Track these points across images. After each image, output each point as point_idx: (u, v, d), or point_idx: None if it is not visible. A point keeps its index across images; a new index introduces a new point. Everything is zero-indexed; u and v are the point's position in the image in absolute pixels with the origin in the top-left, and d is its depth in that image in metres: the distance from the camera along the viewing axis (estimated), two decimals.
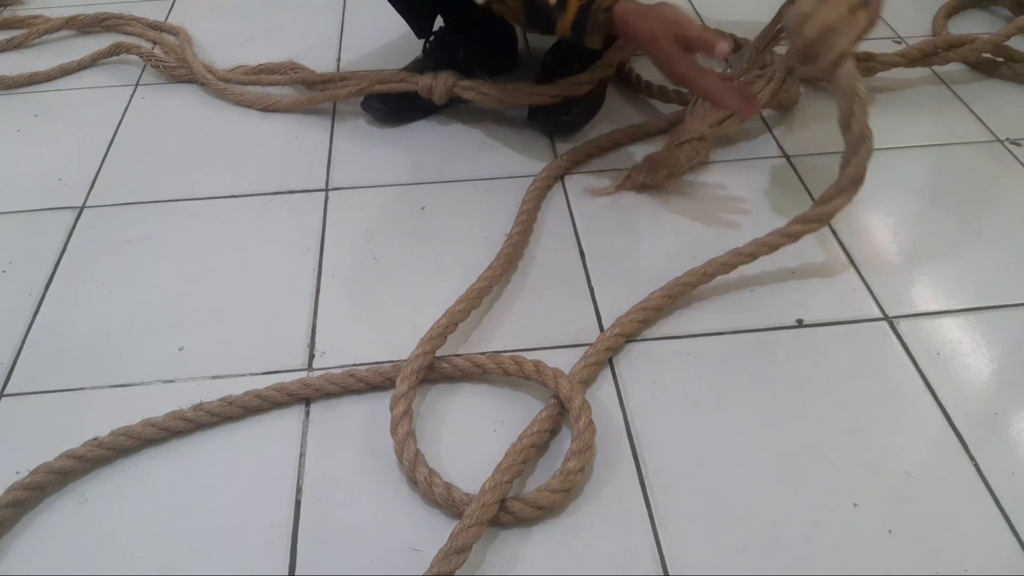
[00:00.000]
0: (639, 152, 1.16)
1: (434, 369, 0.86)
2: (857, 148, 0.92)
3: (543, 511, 0.74)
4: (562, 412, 0.81)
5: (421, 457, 0.76)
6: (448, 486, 0.74)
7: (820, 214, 0.95)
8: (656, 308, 0.92)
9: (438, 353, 0.86)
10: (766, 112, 1.23)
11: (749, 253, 0.94)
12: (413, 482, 0.76)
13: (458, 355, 0.87)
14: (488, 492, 0.72)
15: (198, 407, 0.82)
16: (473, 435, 0.82)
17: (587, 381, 0.85)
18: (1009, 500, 0.75)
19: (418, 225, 1.05)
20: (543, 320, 0.93)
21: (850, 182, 0.93)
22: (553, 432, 0.81)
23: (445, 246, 1.02)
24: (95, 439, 0.79)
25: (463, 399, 0.85)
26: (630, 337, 0.90)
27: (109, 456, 0.79)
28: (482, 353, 0.87)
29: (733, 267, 0.95)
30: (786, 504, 0.76)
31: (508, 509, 0.73)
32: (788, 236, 0.95)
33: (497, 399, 0.85)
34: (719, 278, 0.95)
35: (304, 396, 0.84)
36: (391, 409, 0.80)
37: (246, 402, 0.82)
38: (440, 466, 0.77)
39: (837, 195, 0.94)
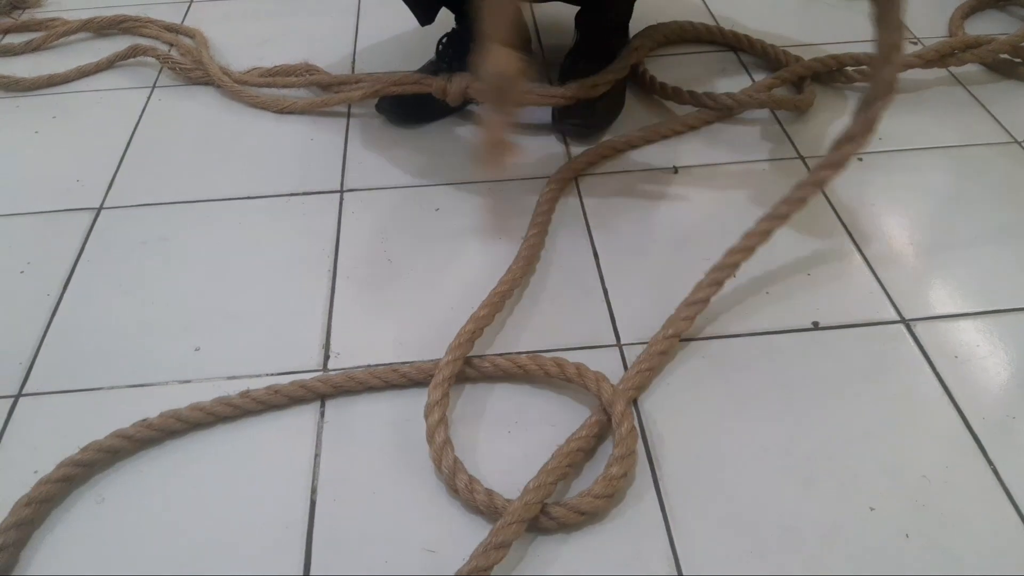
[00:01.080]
0: (652, 153, 1.16)
1: (468, 368, 0.86)
2: (888, 55, 0.89)
3: (586, 516, 0.73)
4: (605, 422, 0.81)
5: (460, 464, 0.76)
6: (489, 492, 0.74)
7: (864, 123, 0.92)
8: (704, 300, 0.91)
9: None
10: (782, 114, 1.23)
11: (798, 199, 0.91)
12: (453, 490, 0.75)
13: (499, 354, 0.87)
14: (532, 492, 0.72)
15: (244, 393, 0.84)
16: (498, 437, 0.82)
17: (640, 387, 0.85)
18: None
19: (432, 226, 1.06)
20: (558, 321, 0.93)
21: (885, 87, 0.91)
22: (599, 438, 0.81)
23: (459, 247, 1.03)
24: (145, 420, 0.81)
25: (493, 400, 0.85)
26: (682, 335, 0.89)
27: (158, 437, 0.81)
28: (519, 353, 0.88)
29: (777, 224, 0.93)
30: (802, 507, 0.75)
31: (551, 515, 0.73)
32: (835, 164, 0.92)
33: (522, 400, 0.85)
34: (737, 278, 0.94)
35: (322, 393, 0.84)
36: (426, 418, 0.79)
37: (267, 398, 0.83)
38: (472, 470, 0.77)
39: (875, 100, 0.92)
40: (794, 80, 1.27)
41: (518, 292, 0.96)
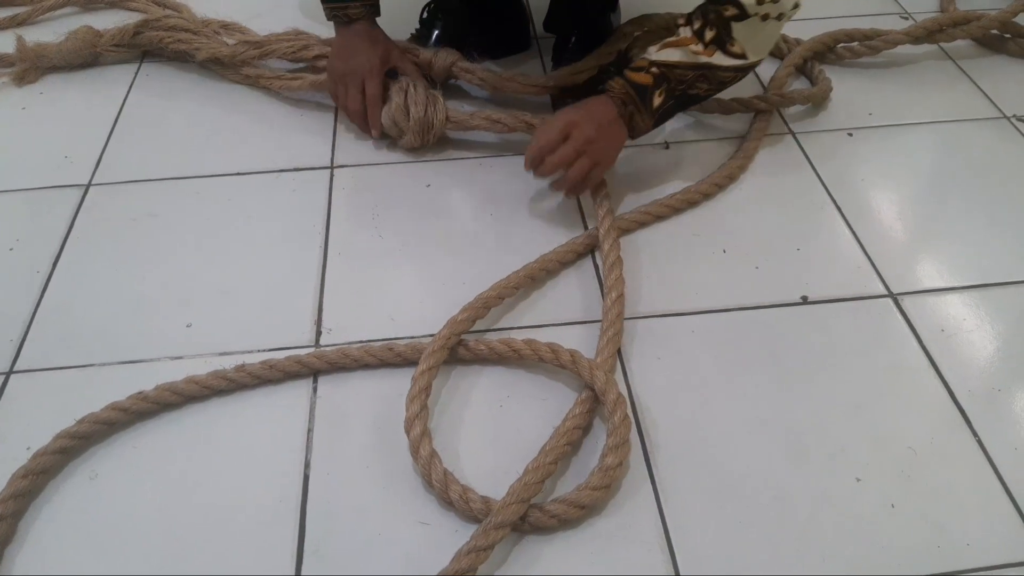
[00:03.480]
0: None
1: (460, 349, 0.86)
2: None
3: (585, 510, 0.73)
4: (595, 405, 0.81)
5: (451, 476, 0.74)
6: (486, 500, 0.72)
7: None
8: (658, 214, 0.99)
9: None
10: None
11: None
12: (429, 483, 0.75)
13: (496, 329, 0.88)
14: (515, 492, 0.71)
15: (240, 367, 0.84)
16: (487, 419, 0.82)
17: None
18: (1012, 476, 0.76)
19: (423, 202, 1.06)
20: (550, 297, 0.93)
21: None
22: (585, 429, 0.81)
23: (450, 223, 1.03)
24: (141, 392, 0.81)
25: (484, 381, 0.85)
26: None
27: (154, 409, 0.82)
28: (512, 328, 0.88)
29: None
30: (789, 479, 0.76)
31: (550, 512, 0.72)
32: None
33: (512, 381, 0.85)
34: (727, 253, 0.95)
35: (317, 369, 0.85)
36: (407, 408, 0.79)
37: (262, 372, 0.84)
38: (456, 454, 0.78)
39: None
40: (799, 64, 1.26)
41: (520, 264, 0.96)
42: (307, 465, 0.78)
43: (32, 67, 1.27)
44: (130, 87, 1.26)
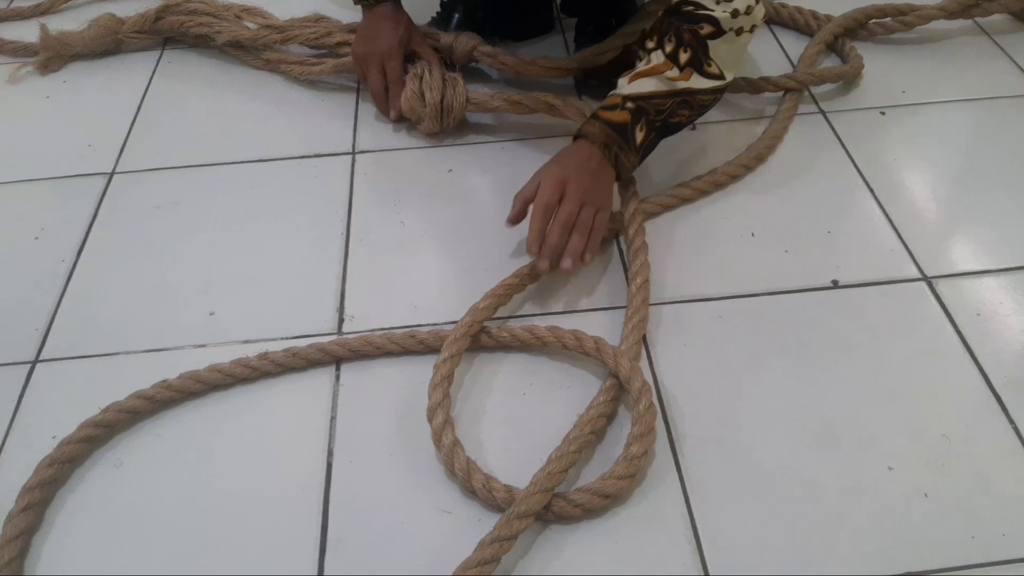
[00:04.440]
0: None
1: (483, 336, 0.85)
2: None
3: (610, 499, 0.72)
4: (620, 393, 0.80)
5: (474, 464, 0.74)
6: (509, 489, 0.72)
7: None
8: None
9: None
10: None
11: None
12: (452, 472, 0.74)
13: (518, 316, 0.87)
14: (539, 482, 0.70)
15: (263, 355, 0.84)
16: (511, 407, 0.81)
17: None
18: None
19: (445, 188, 1.05)
20: (573, 283, 0.92)
21: None
22: (610, 417, 0.80)
23: (473, 208, 1.02)
24: (164, 381, 0.82)
25: (506, 368, 0.85)
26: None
27: (177, 398, 0.82)
28: (535, 315, 0.87)
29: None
30: (820, 468, 0.75)
31: (574, 501, 0.71)
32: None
33: (535, 368, 0.84)
34: (755, 237, 0.93)
35: (339, 356, 0.85)
36: (429, 396, 0.78)
37: (284, 360, 0.83)
38: (479, 443, 0.78)
39: None
40: (829, 41, 1.23)
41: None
42: (330, 453, 0.77)
43: (56, 55, 1.27)
44: (152, 74, 1.26)
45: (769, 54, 1.25)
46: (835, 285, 0.91)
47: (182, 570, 0.70)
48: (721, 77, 0.91)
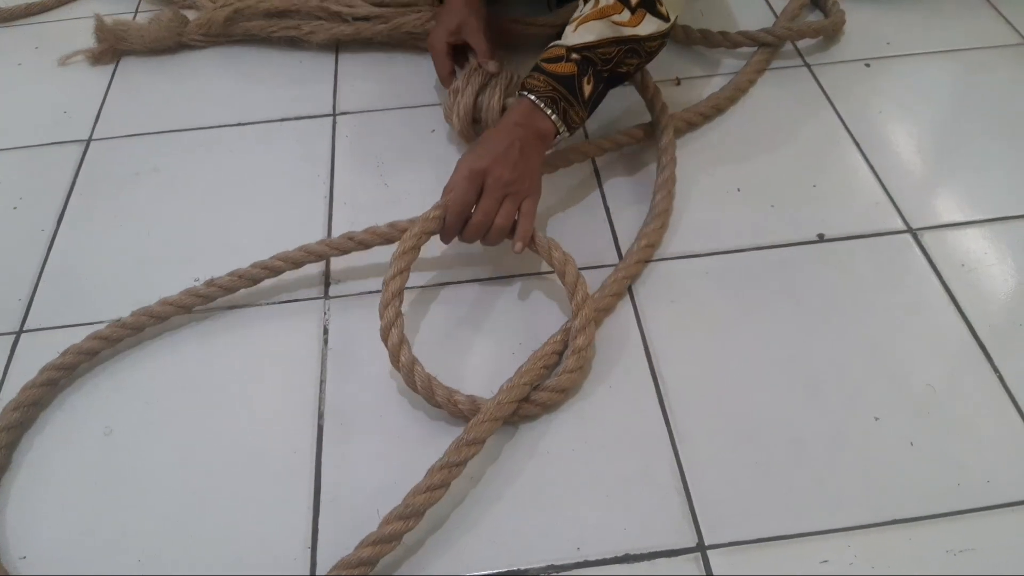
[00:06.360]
0: (653, 65, 1.12)
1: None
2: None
3: (565, 394, 0.77)
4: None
5: (419, 365, 0.76)
6: (451, 391, 0.75)
7: None
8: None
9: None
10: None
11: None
12: (413, 388, 0.76)
13: None
14: (488, 411, 0.73)
15: (209, 282, 0.86)
16: (470, 337, 0.83)
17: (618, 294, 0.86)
18: None
19: (428, 149, 1.03)
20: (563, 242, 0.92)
21: None
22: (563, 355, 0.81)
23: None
24: (118, 320, 0.83)
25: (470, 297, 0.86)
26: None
27: (130, 334, 0.83)
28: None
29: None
30: (807, 418, 0.75)
31: (534, 400, 0.75)
32: None
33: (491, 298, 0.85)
34: (741, 192, 0.93)
35: (318, 254, 0.87)
36: (380, 315, 0.78)
37: (255, 275, 0.86)
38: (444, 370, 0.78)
39: None
40: None
41: None
42: (320, 415, 0.78)
43: (108, 49, 1.19)
44: None
45: (753, 7, 1.23)
46: (821, 239, 0.91)
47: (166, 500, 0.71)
48: (667, 18, 0.87)
